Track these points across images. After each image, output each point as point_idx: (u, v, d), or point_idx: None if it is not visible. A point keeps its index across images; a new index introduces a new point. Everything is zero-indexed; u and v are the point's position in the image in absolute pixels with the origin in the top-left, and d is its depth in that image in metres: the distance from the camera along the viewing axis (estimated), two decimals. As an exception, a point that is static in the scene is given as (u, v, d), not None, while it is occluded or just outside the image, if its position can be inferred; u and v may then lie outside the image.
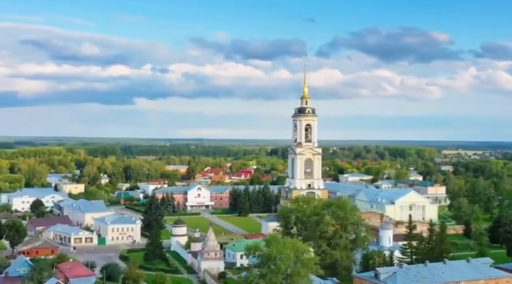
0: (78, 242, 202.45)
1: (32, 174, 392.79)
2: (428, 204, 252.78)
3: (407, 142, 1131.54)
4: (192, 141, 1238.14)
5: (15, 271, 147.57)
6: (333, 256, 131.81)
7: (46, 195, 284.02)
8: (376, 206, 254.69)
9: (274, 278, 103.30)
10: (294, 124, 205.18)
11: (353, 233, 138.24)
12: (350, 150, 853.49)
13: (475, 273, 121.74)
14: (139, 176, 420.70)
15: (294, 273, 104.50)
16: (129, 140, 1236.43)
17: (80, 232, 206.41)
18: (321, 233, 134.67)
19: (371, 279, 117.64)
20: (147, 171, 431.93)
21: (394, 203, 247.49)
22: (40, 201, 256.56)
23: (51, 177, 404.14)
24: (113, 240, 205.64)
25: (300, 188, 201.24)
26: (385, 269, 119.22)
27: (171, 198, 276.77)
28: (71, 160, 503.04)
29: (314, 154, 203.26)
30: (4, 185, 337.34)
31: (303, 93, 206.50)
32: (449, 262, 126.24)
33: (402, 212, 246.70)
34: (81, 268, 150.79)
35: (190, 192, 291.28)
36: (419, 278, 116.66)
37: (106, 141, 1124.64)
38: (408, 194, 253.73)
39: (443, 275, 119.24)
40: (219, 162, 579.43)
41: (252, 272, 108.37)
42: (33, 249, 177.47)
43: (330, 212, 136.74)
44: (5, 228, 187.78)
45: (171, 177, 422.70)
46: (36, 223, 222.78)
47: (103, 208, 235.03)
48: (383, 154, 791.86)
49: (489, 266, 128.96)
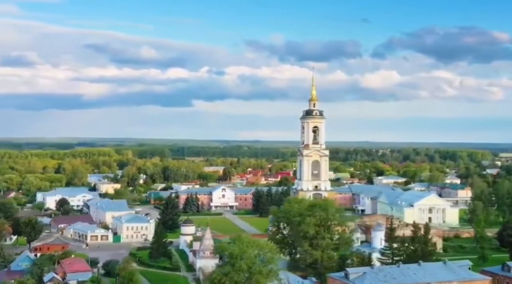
0: (94, 239, 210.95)
1: (74, 174, 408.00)
2: (449, 207, 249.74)
3: (466, 144, 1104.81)
4: (248, 143, 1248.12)
5: (18, 265, 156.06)
6: (313, 256, 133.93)
7: (77, 195, 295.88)
8: (395, 208, 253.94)
9: (236, 276, 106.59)
10: (301, 126, 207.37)
11: (337, 234, 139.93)
12: (399, 152, 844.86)
13: (449, 274, 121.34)
14: (177, 177, 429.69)
15: (256, 272, 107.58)
16: (187, 141, 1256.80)
17: (96, 230, 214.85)
18: (303, 234, 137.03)
19: (342, 279, 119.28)
20: (184, 172, 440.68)
21: (413, 205, 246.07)
22: (65, 200, 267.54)
23: (92, 177, 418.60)
24: (128, 238, 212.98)
25: (306, 189, 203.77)
26: (355, 269, 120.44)
27: (195, 199, 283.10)
28: (114, 161, 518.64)
29: (321, 156, 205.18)
30: (45, 184, 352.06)
31: (311, 95, 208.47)
32: (424, 264, 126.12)
33: (421, 215, 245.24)
34: (81, 264, 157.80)
35: (215, 193, 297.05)
36: (388, 278, 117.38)
37: (164, 143, 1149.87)
38: (427, 197, 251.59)
39: (414, 276, 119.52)
40: (261, 163, 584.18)
41: (217, 271, 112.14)
42: (45, 245, 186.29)
43: (313, 213, 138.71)
44: (22, 225, 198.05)
45: (208, 178, 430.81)
46: (59, 221, 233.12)
47: (125, 207, 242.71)
48: (433, 157, 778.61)
49: (467, 268, 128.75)
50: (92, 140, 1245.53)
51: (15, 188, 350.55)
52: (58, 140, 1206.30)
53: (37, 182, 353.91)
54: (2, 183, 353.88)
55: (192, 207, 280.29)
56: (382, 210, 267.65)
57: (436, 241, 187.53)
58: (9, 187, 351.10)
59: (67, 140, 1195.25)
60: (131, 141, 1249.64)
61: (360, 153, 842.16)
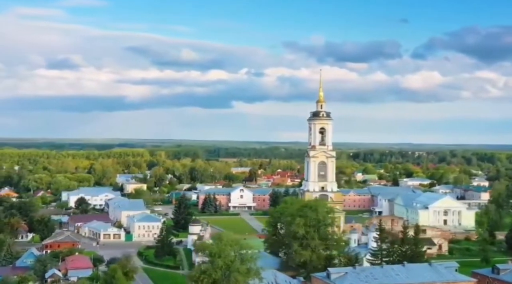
0: (107, 238, 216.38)
1: (103, 174, 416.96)
2: (465, 209, 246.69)
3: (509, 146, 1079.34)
4: (288, 144, 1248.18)
5: (22, 262, 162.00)
6: (302, 256, 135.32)
7: (100, 194, 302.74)
8: (410, 210, 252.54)
9: (214, 274, 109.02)
10: (309, 127, 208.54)
11: (327, 234, 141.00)
12: (436, 155, 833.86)
13: (433, 276, 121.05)
14: (203, 177, 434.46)
15: (234, 270, 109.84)
16: (226, 142, 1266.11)
17: (109, 228, 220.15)
18: (293, 234, 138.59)
19: (324, 279, 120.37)
20: (211, 173, 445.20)
21: (427, 208, 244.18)
22: (84, 199, 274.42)
23: (121, 177, 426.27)
24: (139, 237, 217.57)
25: (312, 191, 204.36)
26: (336, 269, 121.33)
27: (213, 199, 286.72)
28: (144, 162, 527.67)
29: (328, 157, 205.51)
30: (73, 184, 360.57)
31: (318, 97, 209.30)
32: (409, 265, 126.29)
33: (436, 217, 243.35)
34: (83, 261, 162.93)
35: (233, 193, 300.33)
36: (370, 279, 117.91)
37: (204, 144, 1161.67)
38: (442, 199, 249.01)
39: (397, 277, 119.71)
40: (291, 164, 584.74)
41: (196, 268, 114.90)
42: (55, 243, 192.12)
43: (304, 213, 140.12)
44: (35, 223, 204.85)
45: (234, 179, 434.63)
46: (76, 219, 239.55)
47: (141, 206, 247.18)
48: (470, 159, 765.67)
49: (454, 270, 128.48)
50: (134, 141, 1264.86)
51: (45, 187, 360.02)
52: (101, 141, 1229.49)
53: (66, 181, 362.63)
54: (32, 183, 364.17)
55: (210, 207, 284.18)
56: (398, 212, 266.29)
57: (442, 244, 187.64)
58: (38, 187, 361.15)
59: (109, 141, 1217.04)
60: (172, 142, 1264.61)
61: (396, 155, 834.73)
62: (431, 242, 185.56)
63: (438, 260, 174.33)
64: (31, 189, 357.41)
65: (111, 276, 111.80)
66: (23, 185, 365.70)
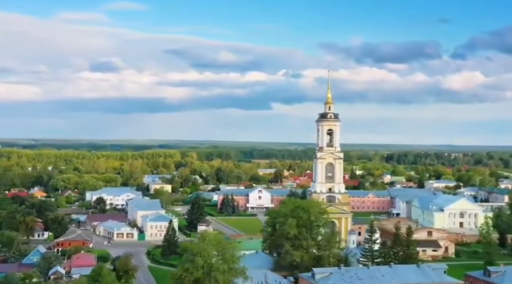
0: (121, 237, 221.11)
1: (130, 174, 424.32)
2: (481, 212, 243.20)
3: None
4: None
5: (29, 259, 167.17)
6: (293, 256, 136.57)
7: (122, 194, 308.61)
8: (426, 212, 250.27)
9: (195, 272, 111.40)
10: (317, 128, 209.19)
11: (319, 235, 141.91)
12: (472, 157, 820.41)
13: (420, 277, 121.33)
14: (229, 178, 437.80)
15: (214, 268, 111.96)
16: (264, 144, 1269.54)
17: (122, 227, 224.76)
18: (286, 234, 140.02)
19: (309, 279, 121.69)
20: (237, 174, 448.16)
21: (443, 210, 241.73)
22: (102, 198, 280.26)
23: (149, 177, 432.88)
24: (152, 236, 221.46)
25: (320, 192, 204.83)
26: (321, 269, 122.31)
27: (231, 200, 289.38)
28: (173, 163, 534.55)
29: (336, 159, 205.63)
30: (99, 184, 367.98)
31: (327, 98, 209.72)
32: (396, 266, 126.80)
33: (452, 220, 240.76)
34: (88, 259, 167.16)
35: (251, 194, 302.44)
36: (354, 280, 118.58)
37: (241, 145, 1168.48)
38: (458, 202, 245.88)
39: (382, 278, 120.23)
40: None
41: (179, 267, 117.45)
42: (66, 241, 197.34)
43: (297, 214, 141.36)
44: (50, 222, 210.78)
45: (260, 180, 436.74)
46: (93, 219, 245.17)
47: (157, 206, 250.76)
48: (508, 161, 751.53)
49: (443, 272, 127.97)
50: (172, 142, 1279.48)
51: (72, 187, 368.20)
52: (141, 142, 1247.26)
53: (92, 182, 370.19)
54: (60, 183, 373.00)
55: (227, 208, 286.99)
56: (415, 214, 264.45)
57: (448, 246, 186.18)
58: (66, 186, 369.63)
59: (148, 142, 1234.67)
60: (209, 144, 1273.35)
61: (431, 156, 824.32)
62: (437, 244, 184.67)
63: (442, 262, 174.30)
64: (59, 189, 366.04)
65: (97, 274, 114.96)
66: (51, 185, 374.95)
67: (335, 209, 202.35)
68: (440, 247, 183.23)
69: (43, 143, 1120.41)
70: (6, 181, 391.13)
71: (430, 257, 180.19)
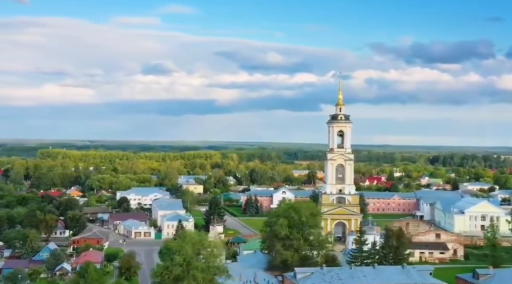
0: (138, 235, 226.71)
1: (165, 175, 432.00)
2: (503, 215, 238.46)
3: None
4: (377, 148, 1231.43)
5: (39, 256, 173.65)
6: (282, 256, 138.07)
7: (150, 194, 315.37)
8: (448, 215, 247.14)
9: (174, 270, 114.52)
10: (328, 130, 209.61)
11: (311, 235, 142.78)
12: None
13: (403, 278, 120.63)
14: (263, 180, 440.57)
15: (192, 266, 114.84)
16: (312, 145, 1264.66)
17: (140, 226, 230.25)
18: (277, 234, 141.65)
19: (291, 278, 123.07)
20: (270, 175, 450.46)
21: (463, 213, 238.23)
22: (125, 198, 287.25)
23: (183, 178, 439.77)
24: (168, 235, 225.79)
25: (330, 193, 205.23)
26: (303, 269, 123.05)
27: (254, 201, 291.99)
28: (210, 164, 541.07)
29: (346, 160, 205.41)
30: (133, 184, 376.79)
31: (338, 100, 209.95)
32: (379, 267, 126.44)
33: (473, 223, 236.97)
34: (95, 256, 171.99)
35: (275, 195, 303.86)
36: (334, 280, 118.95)
37: (289, 146, 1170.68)
38: (479, 204, 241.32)
39: (364, 279, 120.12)
40: (359, 168, 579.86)
41: (160, 265, 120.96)
42: (82, 239, 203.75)
43: (289, 214, 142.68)
44: (68, 220, 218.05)
45: (293, 181, 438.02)
46: (115, 218, 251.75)
47: (178, 206, 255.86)
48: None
49: (428, 273, 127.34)
50: (222, 144, 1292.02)
51: (107, 187, 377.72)
52: (192, 143, 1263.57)
53: (126, 182, 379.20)
54: (95, 183, 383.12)
55: (251, 208, 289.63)
56: (438, 217, 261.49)
57: (457, 248, 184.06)
58: (101, 186, 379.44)
59: (199, 143, 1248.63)
60: (257, 145, 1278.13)
61: (478, 158, 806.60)
62: (444, 246, 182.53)
63: (449, 264, 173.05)
64: (94, 189, 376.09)
65: (84, 270, 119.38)
66: (87, 185, 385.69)
67: (345, 210, 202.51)
68: (447, 249, 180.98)
69: (98, 144, 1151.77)
70: (47, 181, 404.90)
71: (437, 260, 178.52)
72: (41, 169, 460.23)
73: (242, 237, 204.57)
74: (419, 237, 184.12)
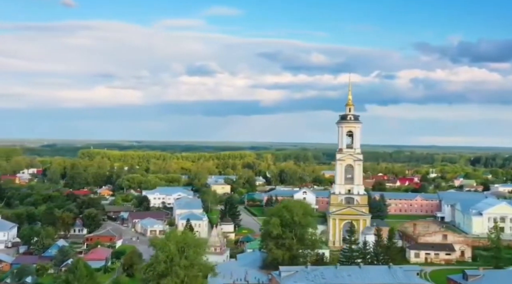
0: (153, 233, 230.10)
1: (195, 175, 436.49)
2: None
3: None
4: (423, 148, 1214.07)
5: (49, 252, 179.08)
6: (274, 255, 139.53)
7: (174, 193, 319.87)
8: (466, 216, 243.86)
9: (158, 266, 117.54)
10: (337, 130, 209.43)
11: (303, 234, 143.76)
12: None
13: (388, 278, 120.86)
14: (292, 180, 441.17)
15: (175, 263, 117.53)
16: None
17: (155, 225, 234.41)
18: (269, 233, 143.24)
19: (276, 277, 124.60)
20: (300, 175, 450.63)
21: (481, 214, 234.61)
22: (146, 197, 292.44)
23: (213, 178, 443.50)
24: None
25: (339, 193, 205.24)
26: (287, 268, 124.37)
27: (274, 201, 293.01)
28: (241, 164, 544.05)
29: (355, 160, 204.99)
30: (161, 184, 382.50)
31: (348, 100, 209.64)
32: (365, 267, 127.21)
33: (491, 224, 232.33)
34: (100, 253, 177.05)
35: (296, 195, 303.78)
36: (318, 279, 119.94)
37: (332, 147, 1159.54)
38: (497, 206, 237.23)
39: (348, 278, 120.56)
40: (392, 168, 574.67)
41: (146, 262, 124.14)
42: (95, 236, 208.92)
43: (282, 213, 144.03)
44: (84, 218, 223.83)
45: (322, 182, 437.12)
46: (134, 216, 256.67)
47: (198, 206, 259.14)
48: None
49: (415, 274, 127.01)
50: (265, 144, 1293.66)
51: (136, 186, 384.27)
52: (236, 144, 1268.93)
53: (155, 181, 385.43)
54: (125, 182, 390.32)
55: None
56: (458, 218, 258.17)
57: (464, 250, 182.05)
58: (130, 186, 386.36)
59: (242, 144, 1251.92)
60: (300, 146, 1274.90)
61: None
62: (451, 247, 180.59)
63: (454, 266, 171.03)
64: (123, 188, 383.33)
65: (74, 266, 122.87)
66: (117, 184, 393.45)
67: (353, 210, 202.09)
68: (454, 251, 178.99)
69: (144, 144, 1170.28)
70: (81, 180, 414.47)
71: (443, 261, 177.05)
72: (77, 168, 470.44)
73: (251, 236, 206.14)
74: (425, 238, 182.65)
